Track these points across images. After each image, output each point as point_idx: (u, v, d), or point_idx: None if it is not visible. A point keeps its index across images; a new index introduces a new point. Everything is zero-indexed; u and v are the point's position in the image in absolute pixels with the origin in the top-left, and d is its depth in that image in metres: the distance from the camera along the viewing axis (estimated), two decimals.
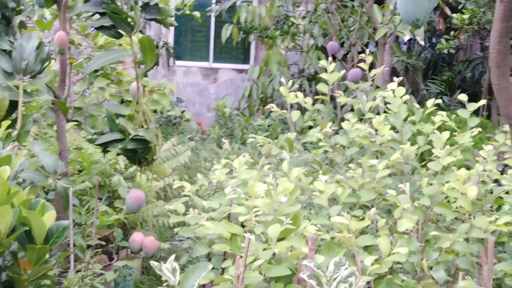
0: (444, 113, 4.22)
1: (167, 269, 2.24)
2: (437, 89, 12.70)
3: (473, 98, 11.63)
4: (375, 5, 8.44)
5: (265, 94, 11.94)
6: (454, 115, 4.30)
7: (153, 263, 2.24)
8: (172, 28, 14.23)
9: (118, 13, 4.17)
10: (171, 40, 14.90)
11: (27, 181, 3.62)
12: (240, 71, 15.91)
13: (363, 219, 3.28)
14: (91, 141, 4.44)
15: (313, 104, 4.70)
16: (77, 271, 4.28)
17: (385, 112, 4.30)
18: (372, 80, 4.63)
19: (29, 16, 5.17)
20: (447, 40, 10.13)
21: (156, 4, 4.61)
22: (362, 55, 4.66)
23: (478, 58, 12.36)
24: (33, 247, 2.70)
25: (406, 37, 6.25)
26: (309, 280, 2.49)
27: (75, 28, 6.24)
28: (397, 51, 13.78)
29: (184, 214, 3.58)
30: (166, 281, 4.22)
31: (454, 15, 9.65)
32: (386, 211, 3.74)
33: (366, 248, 3.14)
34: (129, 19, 4.21)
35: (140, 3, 4.41)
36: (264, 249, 2.88)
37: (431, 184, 3.46)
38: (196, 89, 15.48)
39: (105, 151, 4.36)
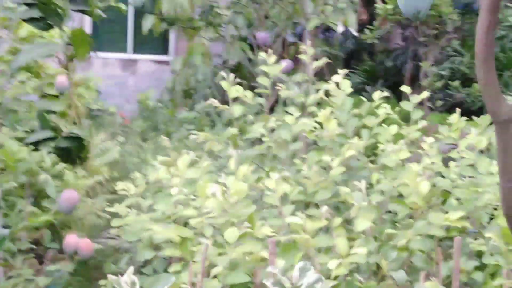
0: (387, 106, 4.14)
1: (126, 283, 2.06)
2: (358, 79, 12.73)
3: (395, 88, 11.66)
4: None
5: (188, 86, 11.72)
6: (397, 108, 4.22)
7: (110, 277, 2.06)
8: (87, 18, 13.83)
9: (48, 4, 3.93)
10: (88, 31, 14.48)
11: None
12: (160, 62, 15.59)
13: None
14: (20, 140, 4.18)
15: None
16: (8, 278, 4.03)
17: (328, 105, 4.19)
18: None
19: None
20: (371, 30, 10.13)
21: None
22: (304, 46, 4.53)
23: (400, 48, 12.41)
24: None
25: (340, 28, 6.18)
26: (274, 287, 2.35)
27: None
28: (316, 41, 13.76)
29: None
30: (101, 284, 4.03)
31: (378, 5, 9.66)
32: (334, 209, 3.64)
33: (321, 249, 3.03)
34: (59, 10, 3.99)
35: None
36: (219, 254, 2.73)
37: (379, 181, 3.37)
38: (115, 81, 15.09)
39: (35, 149, 4.11)
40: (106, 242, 6.22)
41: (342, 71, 4.05)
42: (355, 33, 6.16)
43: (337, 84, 4.05)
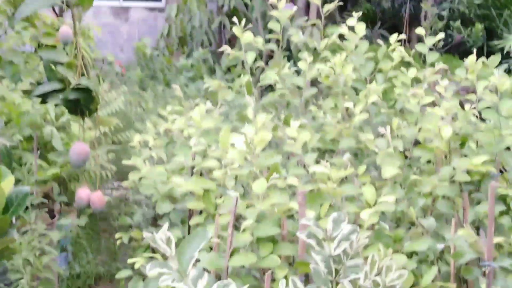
0: (402, 48, 4.04)
1: (161, 240, 1.99)
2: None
3: (393, 30, 11.54)
4: None
5: (184, 33, 11.54)
6: (412, 50, 4.12)
7: (146, 234, 1.99)
8: None
9: None
10: None
11: None
12: (152, 9, 15.36)
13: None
14: (28, 92, 4.07)
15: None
16: (23, 233, 3.96)
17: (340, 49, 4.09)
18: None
19: None
20: None
21: None
22: None
23: None
24: None
25: None
26: (308, 240, 2.29)
27: None
28: None
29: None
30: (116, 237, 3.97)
31: None
32: (353, 156, 3.57)
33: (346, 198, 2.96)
34: None
35: None
36: (247, 206, 2.66)
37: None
38: (107, 29, 14.85)
39: (43, 102, 3.99)
40: (112, 193, 6.17)
41: (356, 14, 3.94)
42: None
43: (351, 28, 3.94)
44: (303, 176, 3.10)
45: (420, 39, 4.20)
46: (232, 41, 11.86)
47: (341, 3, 4.39)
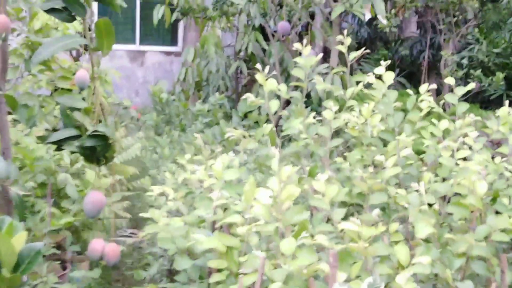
0: (431, 98, 3.89)
1: None
2: (371, 68, 12.48)
3: (411, 78, 11.39)
4: None
5: (201, 78, 11.47)
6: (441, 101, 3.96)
7: None
8: (95, 9, 13.58)
9: None
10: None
11: None
12: (168, 53, 15.39)
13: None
14: (42, 138, 3.94)
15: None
16: (33, 287, 3.79)
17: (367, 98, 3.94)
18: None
19: None
20: (388, 18, 9.87)
21: None
22: (340, 37, 4.27)
23: (417, 37, 12.16)
24: (2, 277, 2.24)
25: (367, 16, 5.92)
26: None
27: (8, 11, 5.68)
28: (329, 30, 13.48)
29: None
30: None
31: None
32: (381, 210, 3.40)
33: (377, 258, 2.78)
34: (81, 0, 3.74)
35: None
36: (273, 266, 2.49)
37: (442, 180, 3.12)
38: (123, 73, 14.85)
39: (58, 149, 3.86)
40: (125, 241, 6.01)
41: (385, 62, 3.80)
42: (384, 22, 5.88)
43: (379, 76, 3.80)
44: (329, 232, 2.93)
45: (438, 88, 4.05)
46: (248, 86, 11.79)
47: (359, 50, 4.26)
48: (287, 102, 8.74)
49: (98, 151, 3.86)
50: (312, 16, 10.36)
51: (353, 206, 3.55)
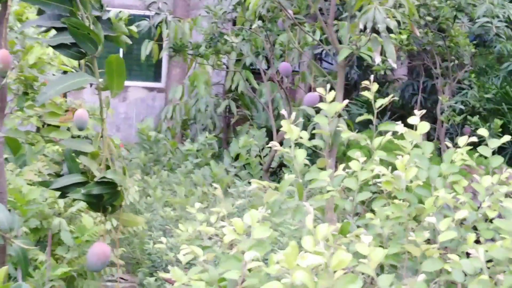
0: (463, 150, 3.63)
1: None
2: (358, 110, 12.30)
3: (402, 121, 11.17)
4: (343, 23, 7.92)
5: (188, 116, 11.18)
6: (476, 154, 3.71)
7: None
8: None
9: (81, 28, 3.41)
10: None
11: None
12: (151, 89, 15.10)
13: None
14: (44, 184, 3.62)
15: None
16: None
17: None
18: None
19: None
20: (383, 61, 9.68)
21: (109, 19, 3.88)
22: (366, 82, 4.01)
23: (408, 80, 12.01)
24: None
25: (377, 59, 5.69)
26: None
27: None
28: (316, 71, 13.30)
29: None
30: None
31: (392, 35, 9.21)
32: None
33: None
34: (92, 36, 3.47)
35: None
36: None
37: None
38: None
39: (62, 196, 3.55)
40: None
41: (419, 112, 3.54)
42: (394, 65, 5.67)
43: (411, 126, 3.55)
44: None
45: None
46: (235, 126, 11.53)
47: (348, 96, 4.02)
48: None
49: (106, 199, 3.56)
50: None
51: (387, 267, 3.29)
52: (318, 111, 3.98)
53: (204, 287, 2.82)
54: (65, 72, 6.05)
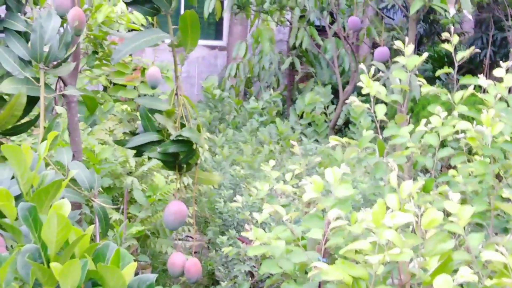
0: None
1: None
2: (423, 65, 12.05)
3: (471, 76, 10.76)
4: None
5: (252, 74, 11.10)
6: None
7: None
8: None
9: None
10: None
11: None
12: (212, 47, 15.03)
13: None
14: (120, 143, 3.60)
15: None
16: None
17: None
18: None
19: None
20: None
21: None
22: (446, 34, 3.86)
23: (477, 33, 11.68)
24: None
25: (452, 11, 5.51)
26: None
27: None
28: (379, 25, 13.04)
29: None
30: None
31: None
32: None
33: None
34: None
35: None
36: None
37: None
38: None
39: (138, 154, 3.52)
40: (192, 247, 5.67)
41: (505, 64, 3.39)
42: (470, 16, 5.47)
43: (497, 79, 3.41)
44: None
45: None
46: (298, 83, 11.40)
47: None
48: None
49: (181, 157, 3.52)
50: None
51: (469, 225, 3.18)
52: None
53: (284, 245, 2.77)
54: (131, 31, 6.05)
